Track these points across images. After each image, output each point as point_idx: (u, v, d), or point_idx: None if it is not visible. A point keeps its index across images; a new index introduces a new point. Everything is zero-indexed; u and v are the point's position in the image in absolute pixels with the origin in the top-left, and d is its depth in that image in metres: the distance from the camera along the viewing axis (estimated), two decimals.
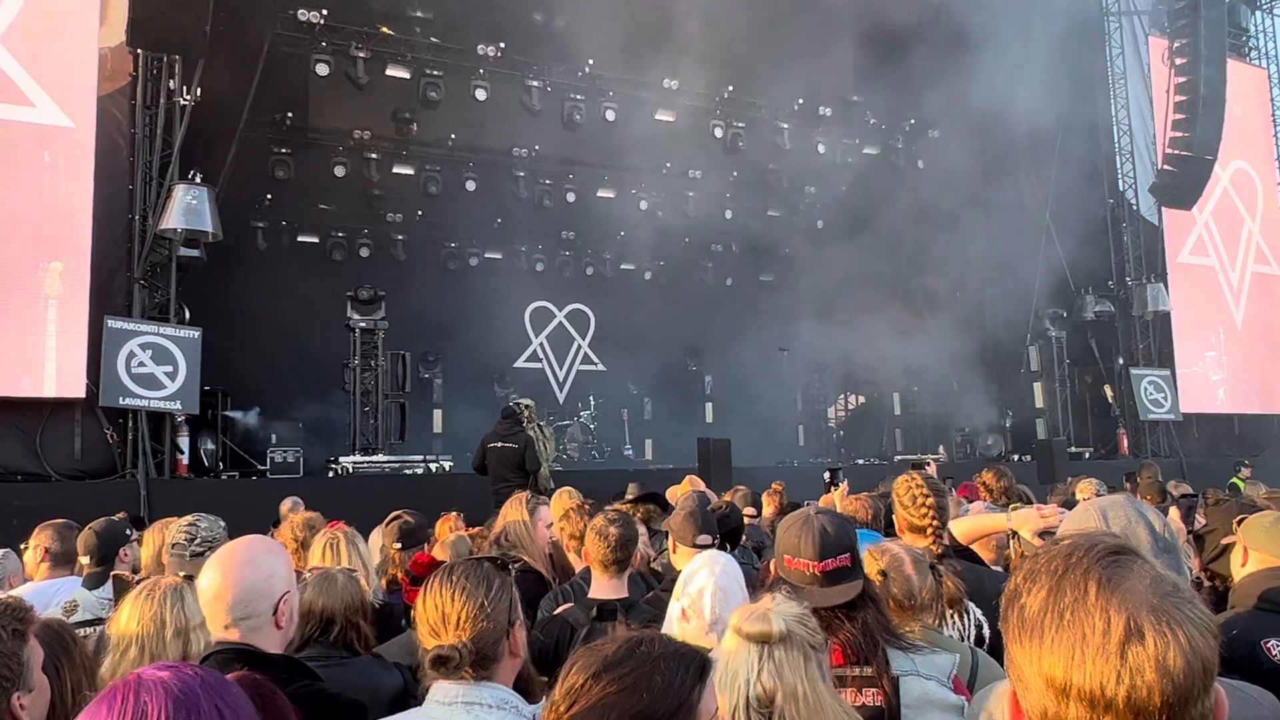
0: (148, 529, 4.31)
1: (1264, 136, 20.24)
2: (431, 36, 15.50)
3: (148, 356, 10.55)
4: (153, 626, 2.70)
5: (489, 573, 2.19)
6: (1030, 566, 1.22)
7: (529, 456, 9.17)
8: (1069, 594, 1.14)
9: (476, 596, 2.11)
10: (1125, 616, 1.08)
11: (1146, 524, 1.84)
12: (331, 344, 14.36)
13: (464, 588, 2.12)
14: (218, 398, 13.36)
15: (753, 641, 1.96)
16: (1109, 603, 1.10)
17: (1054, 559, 1.20)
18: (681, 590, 2.68)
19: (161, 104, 11.27)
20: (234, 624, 2.40)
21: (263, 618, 2.43)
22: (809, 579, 2.38)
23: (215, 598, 2.41)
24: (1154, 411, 17.26)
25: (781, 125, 17.89)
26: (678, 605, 2.64)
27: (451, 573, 2.18)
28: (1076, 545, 1.20)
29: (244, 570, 2.44)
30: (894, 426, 19.12)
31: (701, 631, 2.53)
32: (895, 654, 2.34)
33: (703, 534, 3.78)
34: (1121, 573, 1.13)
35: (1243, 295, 19.21)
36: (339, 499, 9.60)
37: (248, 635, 2.41)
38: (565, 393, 20.07)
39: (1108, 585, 1.12)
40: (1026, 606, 1.17)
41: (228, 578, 2.42)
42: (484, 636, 2.09)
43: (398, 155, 17.02)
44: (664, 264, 20.86)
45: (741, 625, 1.98)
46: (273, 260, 16.92)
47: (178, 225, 10.89)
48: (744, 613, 2.01)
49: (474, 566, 2.20)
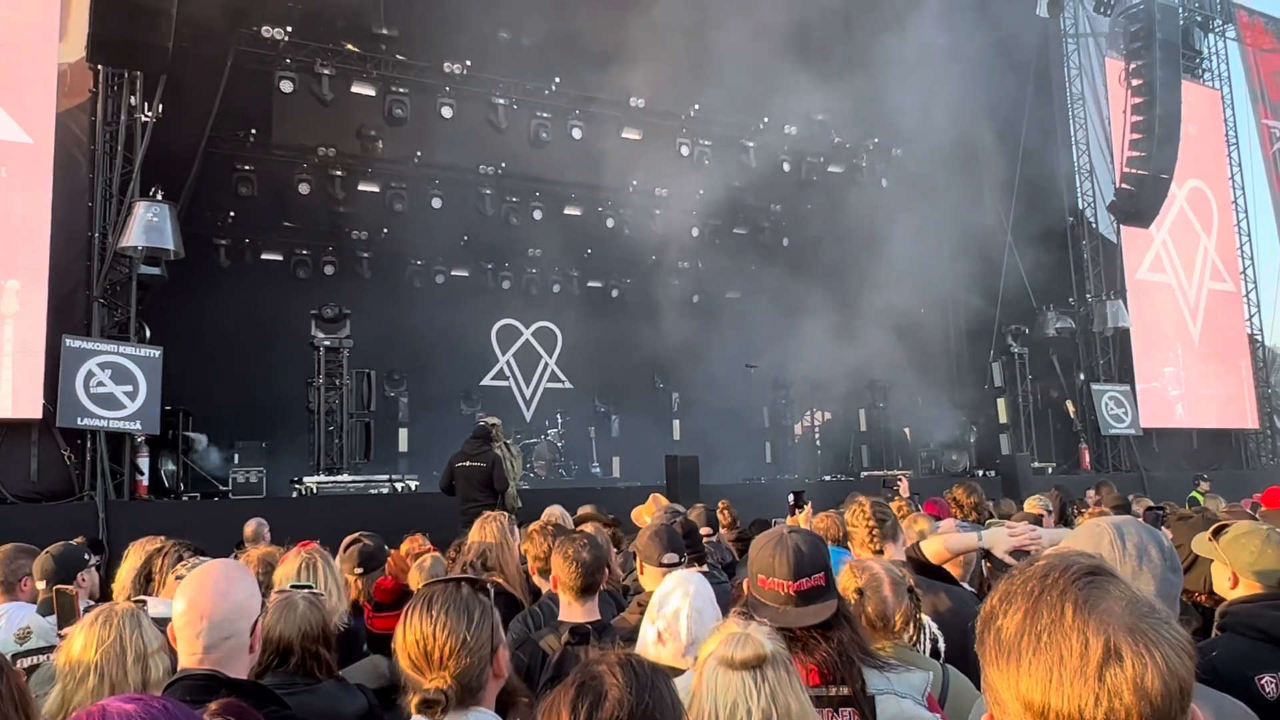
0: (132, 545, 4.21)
1: (1218, 156, 20.69)
2: (397, 54, 15.44)
3: (107, 376, 10.38)
4: (113, 653, 2.63)
5: (469, 601, 2.15)
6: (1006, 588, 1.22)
7: (497, 475, 9.12)
8: (1045, 615, 1.13)
9: (459, 631, 2.08)
10: (1103, 638, 1.08)
11: (1158, 543, 1.86)
12: (295, 362, 14.21)
13: (444, 622, 2.09)
14: (179, 418, 13.14)
15: (745, 668, 1.92)
16: (1086, 624, 1.10)
17: (1029, 580, 1.20)
18: (656, 612, 2.66)
19: (122, 120, 11.12)
20: (208, 650, 2.36)
21: (241, 638, 2.40)
22: (784, 599, 2.37)
23: (190, 623, 2.37)
24: (1115, 427, 17.55)
25: (747, 144, 18.01)
26: (653, 628, 2.63)
27: (431, 605, 2.13)
28: (1052, 566, 1.20)
29: (220, 596, 2.41)
30: (860, 443, 19.23)
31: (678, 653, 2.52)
32: (870, 673, 2.34)
33: (669, 553, 3.77)
34: (1098, 594, 1.13)
35: (1199, 312, 19.57)
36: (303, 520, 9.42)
37: (219, 661, 2.37)
38: (532, 411, 19.99)
39: (1084, 606, 1.12)
40: (1003, 629, 1.17)
41: (204, 603, 2.38)
42: (468, 672, 2.07)
43: (363, 172, 16.91)
44: (630, 281, 20.89)
45: (733, 654, 1.93)
46: (236, 278, 16.74)
47: (138, 243, 10.72)
48: (727, 641, 1.96)
49: (454, 596, 2.16)
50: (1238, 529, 3.06)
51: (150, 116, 11.15)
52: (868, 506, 3.95)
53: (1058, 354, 18.55)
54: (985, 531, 3.63)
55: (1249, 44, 21.89)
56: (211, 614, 2.37)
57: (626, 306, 20.66)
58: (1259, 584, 2.90)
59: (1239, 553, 2.96)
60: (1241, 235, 20.82)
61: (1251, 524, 3.17)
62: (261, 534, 8.31)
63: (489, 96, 16.19)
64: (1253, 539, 2.97)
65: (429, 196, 17.04)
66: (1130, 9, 17.71)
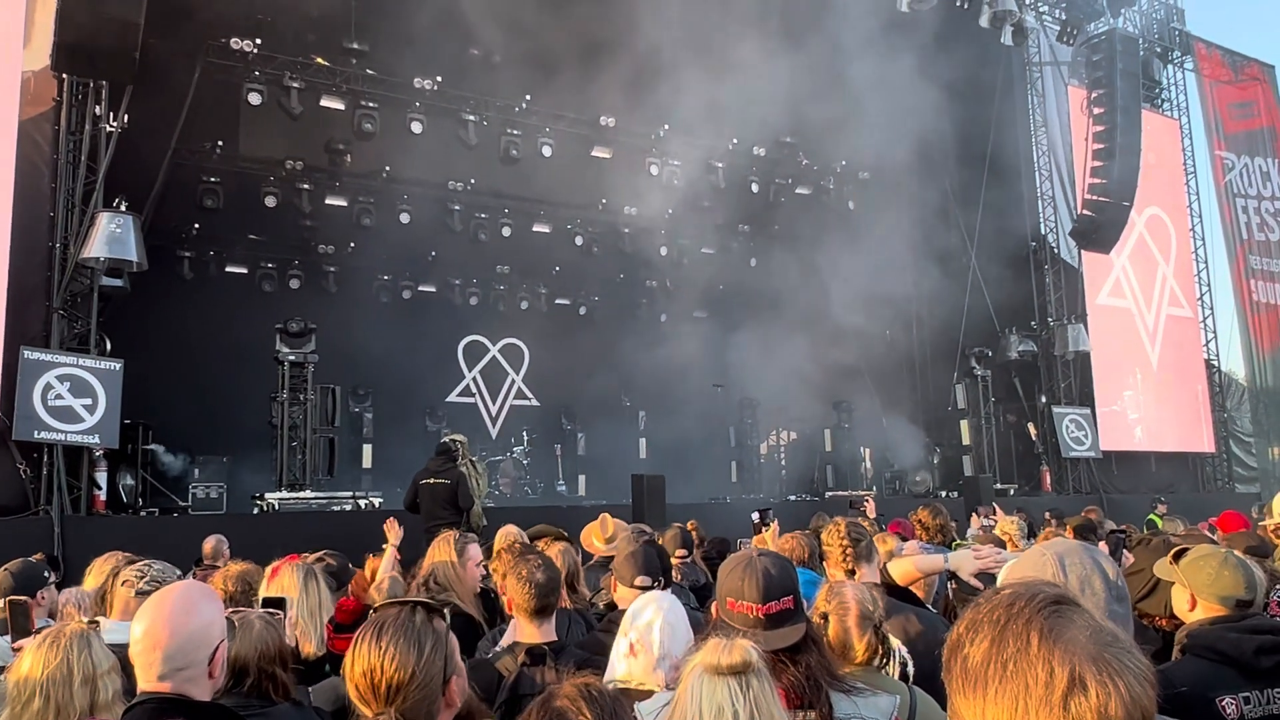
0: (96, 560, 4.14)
1: (1176, 184, 21.12)
2: (367, 68, 15.42)
3: (66, 389, 10.20)
4: (59, 674, 2.59)
5: (421, 630, 2.08)
6: (972, 616, 1.24)
7: (462, 493, 9.06)
8: (1011, 644, 1.15)
9: (408, 664, 2.01)
10: (1068, 668, 1.10)
11: (1101, 573, 1.87)
12: (259, 377, 14.06)
13: (393, 655, 2.02)
14: (139, 432, 12.96)
15: (731, 674, 1.92)
16: (1051, 654, 1.12)
17: (996, 609, 1.22)
18: (629, 624, 2.65)
19: (87, 130, 10.97)
20: (169, 674, 2.31)
21: (199, 668, 2.35)
22: (752, 622, 2.37)
23: (151, 647, 2.32)
24: (1075, 449, 17.77)
25: (716, 165, 18.14)
26: (625, 640, 2.61)
27: (381, 634, 2.06)
28: (1018, 595, 1.22)
29: (182, 618, 2.36)
30: (825, 463, 19.32)
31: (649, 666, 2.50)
32: (838, 697, 2.35)
33: (642, 575, 3.77)
34: (1063, 623, 1.15)
35: (1158, 337, 19.92)
36: (264, 537, 9.35)
37: (181, 685, 2.32)
38: (498, 428, 19.91)
39: (1050, 636, 1.14)
40: (970, 657, 1.19)
41: (164, 626, 2.33)
42: (417, 707, 2.01)
43: (330, 186, 16.82)
44: (599, 299, 20.91)
45: (719, 660, 1.92)
46: (199, 291, 16.55)
47: (100, 254, 10.58)
48: (713, 649, 1.95)
49: (406, 624, 2.08)
50: (1197, 551, 3.10)
51: (115, 126, 11.02)
52: (843, 526, 3.93)
53: (1020, 377, 18.79)
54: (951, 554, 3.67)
55: (1206, 75, 22.41)
56: (166, 644, 2.31)
57: (594, 324, 20.66)
58: (1217, 606, 2.94)
59: (1197, 574, 3.00)
60: (1199, 262, 21.22)
61: (1211, 547, 3.22)
62: (221, 551, 8.20)
63: (459, 112, 16.19)
64: (1210, 561, 3.02)
65: (397, 211, 16.98)
66: (1092, 39, 18.09)
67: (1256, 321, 22.34)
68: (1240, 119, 23.10)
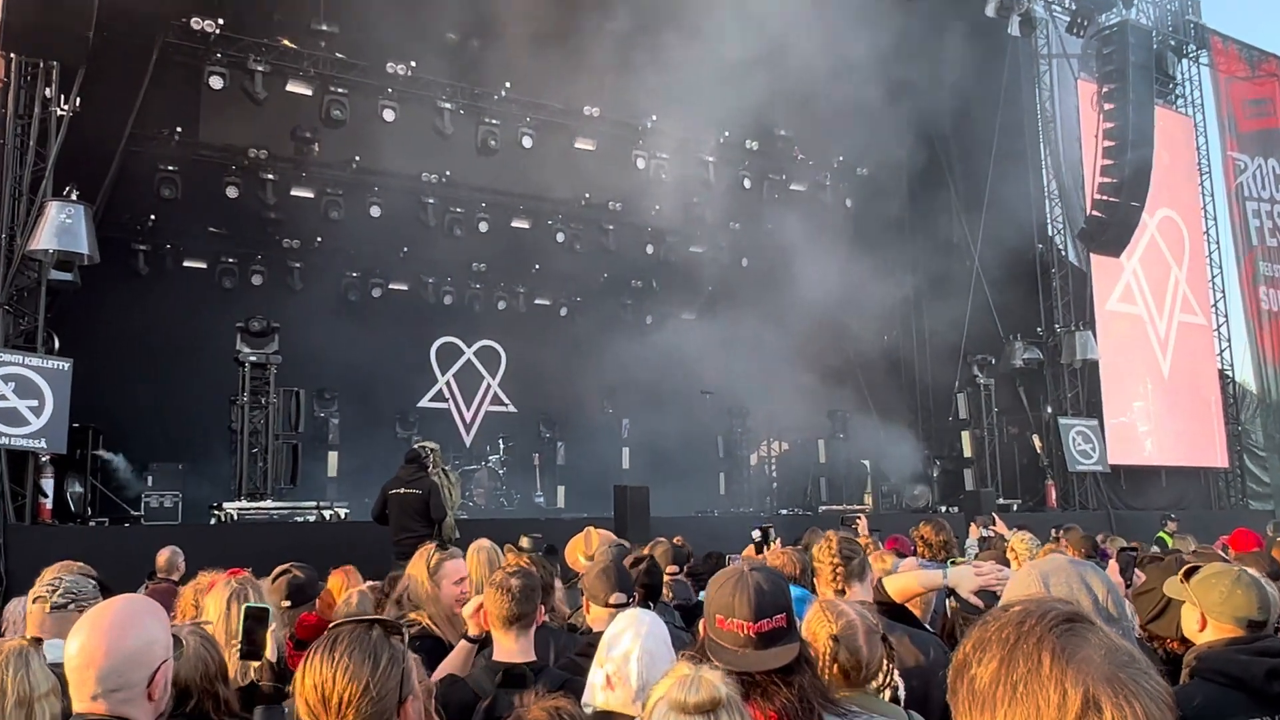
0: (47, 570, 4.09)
1: (1190, 185, 21.14)
2: (337, 52, 15.37)
3: (10, 389, 10.10)
4: None
5: (377, 645, 2.06)
6: (980, 635, 1.23)
7: (433, 504, 9.03)
8: (1022, 664, 1.15)
9: (361, 677, 2.00)
10: (1082, 689, 1.09)
11: (1089, 592, 1.87)
12: (218, 379, 13.98)
13: (346, 666, 2.01)
14: (88, 436, 12.86)
15: (699, 712, 1.92)
16: (1064, 674, 1.11)
17: (1005, 627, 1.21)
18: (605, 655, 2.63)
19: (36, 113, 10.88)
20: (102, 695, 2.27)
21: (136, 689, 2.30)
22: (743, 641, 2.36)
23: (84, 665, 2.28)
24: (1082, 463, 17.76)
25: (707, 159, 18.16)
26: (601, 672, 2.60)
27: (335, 646, 2.05)
28: (1029, 612, 1.21)
29: (119, 635, 2.32)
30: (819, 475, 19.33)
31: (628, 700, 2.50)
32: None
33: (617, 592, 3.75)
34: (1076, 642, 1.15)
35: (1170, 345, 19.95)
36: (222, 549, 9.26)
37: (117, 707, 2.28)
38: (473, 435, 19.84)
39: (1062, 655, 1.13)
40: (977, 678, 1.18)
41: (100, 643, 2.29)
42: None
43: (296, 177, 16.73)
44: (581, 300, 20.88)
45: (685, 699, 1.93)
46: (155, 286, 16.42)
47: (49, 246, 10.52)
48: (679, 685, 1.95)
49: (362, 638, 2.07)
50: (1209, 570, 3.12)
51: (67, 110, 10.94)
52: (835, 542, 3.93)
53: (1024, 386, 18.83)
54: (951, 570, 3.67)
55: (1222, 70, 22.52)
56: (101, 663, 2.27)
57: (575, 326, 20.62)
58: (1228, 626, 2.96)
59: (1208, 593, 3.02)
60: (1213, 267, 21.30)
61: (1223, 565, 3.24)
62: (176, 564, 8.13)
63: (434, 100, 16.16)
64: (1222, 580, 3.03)
65: (367, 204, 16.91)
66: (1104, 31, 18.18)
67: (1264, 330, 22.44)
68: (1254, 117, 23.25)
